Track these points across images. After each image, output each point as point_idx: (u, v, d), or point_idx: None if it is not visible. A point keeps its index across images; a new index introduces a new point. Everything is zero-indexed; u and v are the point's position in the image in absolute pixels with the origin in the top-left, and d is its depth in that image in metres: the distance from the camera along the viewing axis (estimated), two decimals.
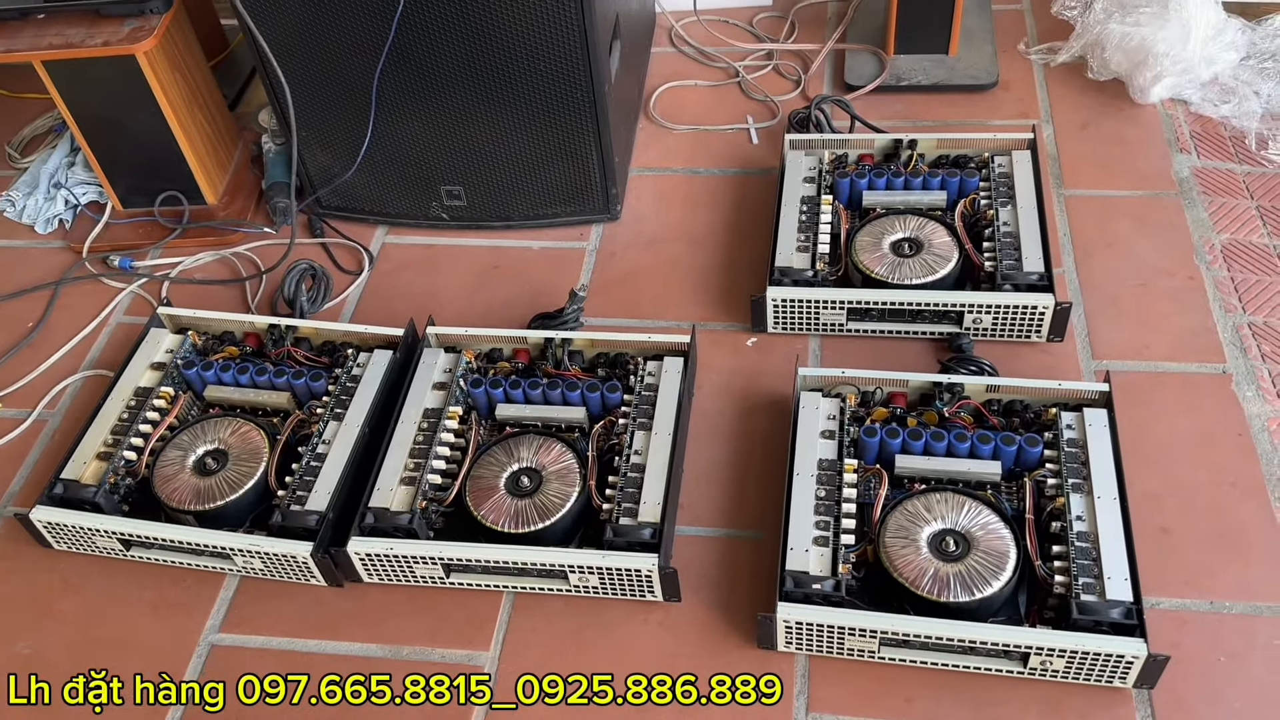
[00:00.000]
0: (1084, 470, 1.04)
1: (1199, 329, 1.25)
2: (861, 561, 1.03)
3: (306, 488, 1.11)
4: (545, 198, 1.44)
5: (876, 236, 1.30)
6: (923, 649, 0.98)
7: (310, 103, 1.36)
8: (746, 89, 1.66)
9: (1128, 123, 1.52)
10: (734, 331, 1.32)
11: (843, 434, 1.11)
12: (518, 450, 1.13)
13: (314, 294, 1.38)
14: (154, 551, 1.13)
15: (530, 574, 1.07)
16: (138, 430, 1.19)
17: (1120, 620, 0.94)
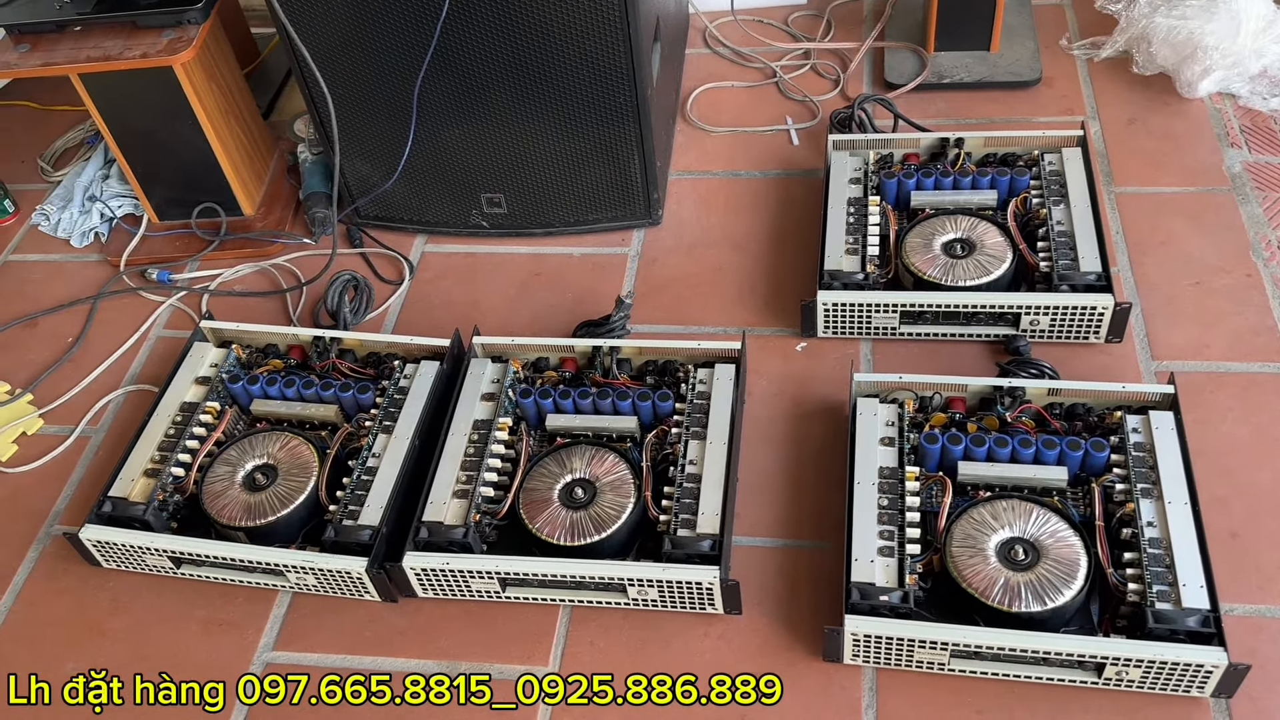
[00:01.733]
0: (1153, 475, 1.02)
1: (1259, 328, 1.22)
2: (928, 572, 1.01)
3: (358, 502, 1.10)
4: (586, 203, 1.42)
5: (927, 238, 1.28)
6: (994, 660, 0.96)
7: (350, 112, 1.34)
8: (784, 89, 1.64)
9: (1176, 118, 1.49)
10: (782, 336, 1.30)
11: (902, 440, 1.09)
12: (570, 461, 1.12)
13: (356, 305, 1.37)
14: (205, 569, 1.12)
15: (587, 587, 1.05)
16: (185, 446, 1.18)
17: (1197, 628, 0.92)
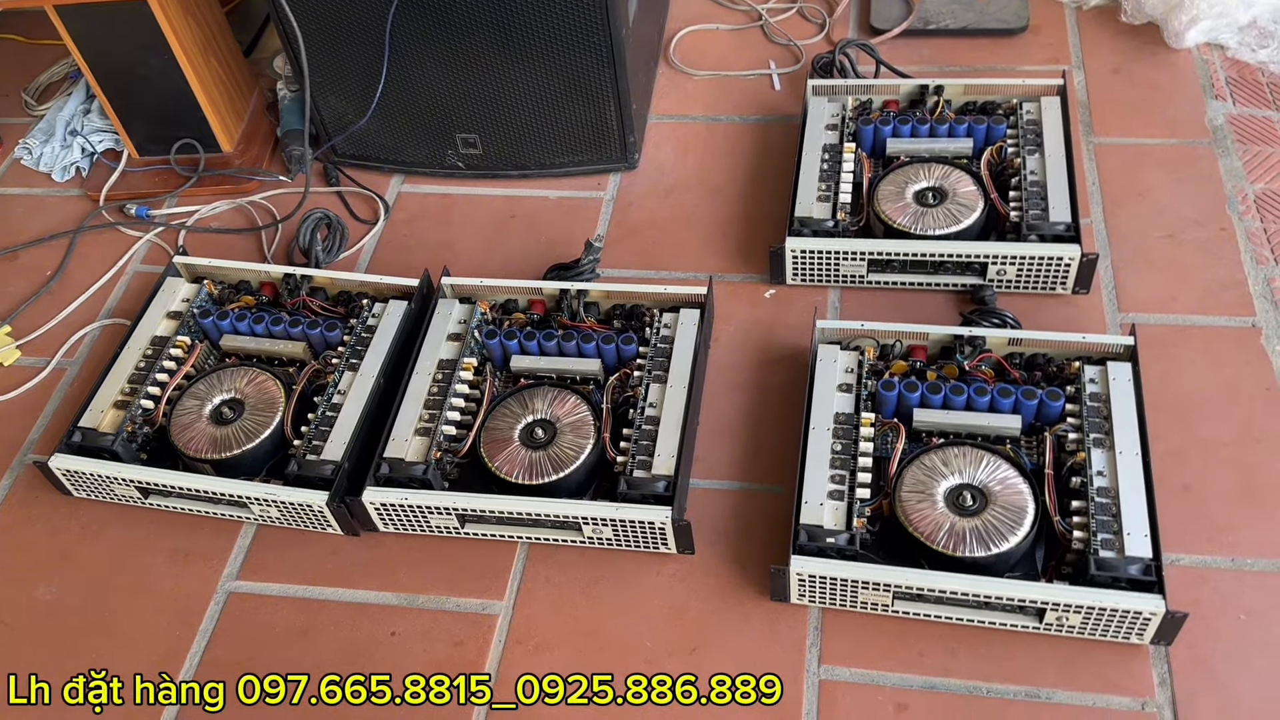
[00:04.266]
0: (1106, 425, 1.03)
1: (1229, 282, 1.22)
2: (877, 516, 1.02)
3: (322, 438, 1.11)
4: (562, 146, 1.41)
5: (900, 186, 1.27)
6: (937, 603, 0.97)
7: (323, 48, 1.34)
8: (769, 33, 1.62)
9: (1161, 68, 1.47)
10: (752, 283, 1.30)
11: (860, 387, 1.09)
12: (532, 402, 1.13)
13: (329, 244, 1.37)
14: (171, 500, 1.14)
15: (544, 525, 1.07)
16: (155, 379, 1.19)
17: (1138, 576, 0.93)
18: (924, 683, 0.96)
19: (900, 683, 0.96)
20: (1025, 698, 0.94)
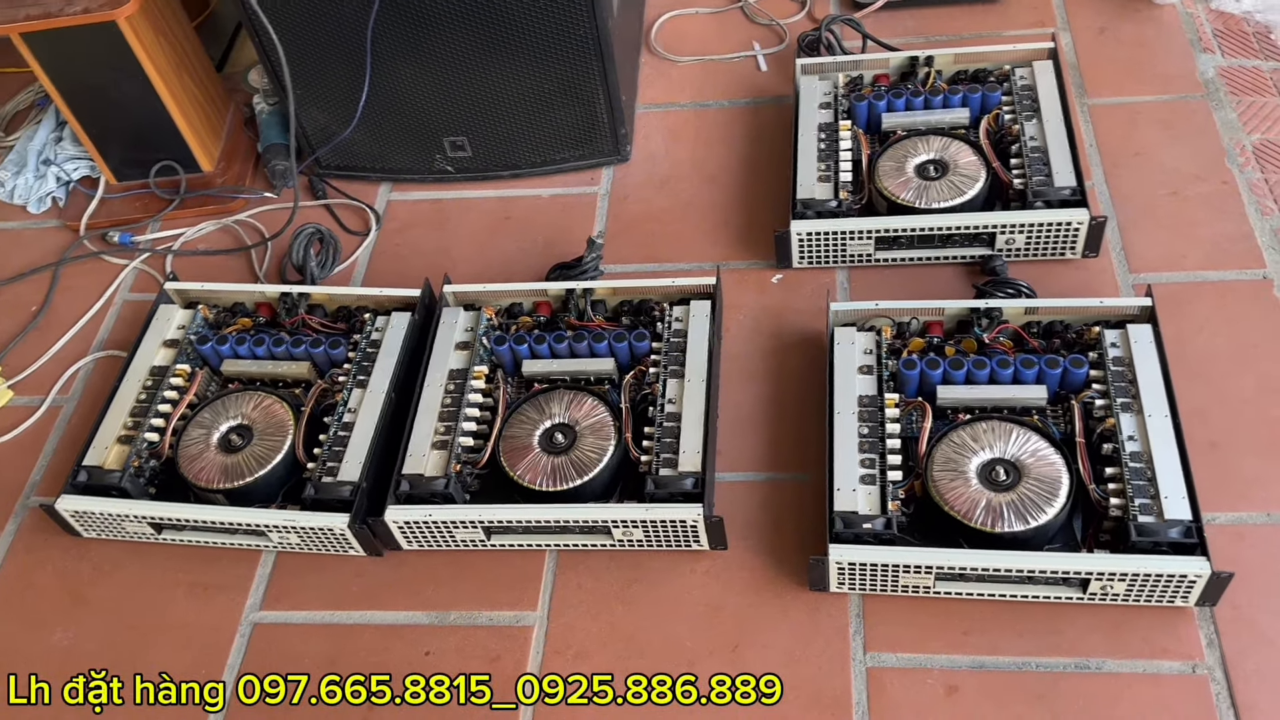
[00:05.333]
0: (1132, 389, 1.02)
1: (1236, 235, 1.21)
2: (910, 497, 1.01)
3: (337, 458, 1.08)
4: (552, 142, 1.39)
5: (899, 160, 1.26)
6: (978, 581, 0.96)
7: (303, 59, 1.30)
8: (750, 14, 1.60)
9: (1147, 24, 1.46)
10: (758, 269, 1.28)
11: (881, 368, 1.08)
12: (549, 406, 1.11)
13: (323, 258, 1.34)
14: (186, 533, 1.11)
15: (572, 531, 1.05)
16: (157, 410, 1.16)
17: (1180, 539, 0.92)
18: (972, 662, 0.95)
19: (948, 664, 0.95)
20: (1075, 669, 0.94)
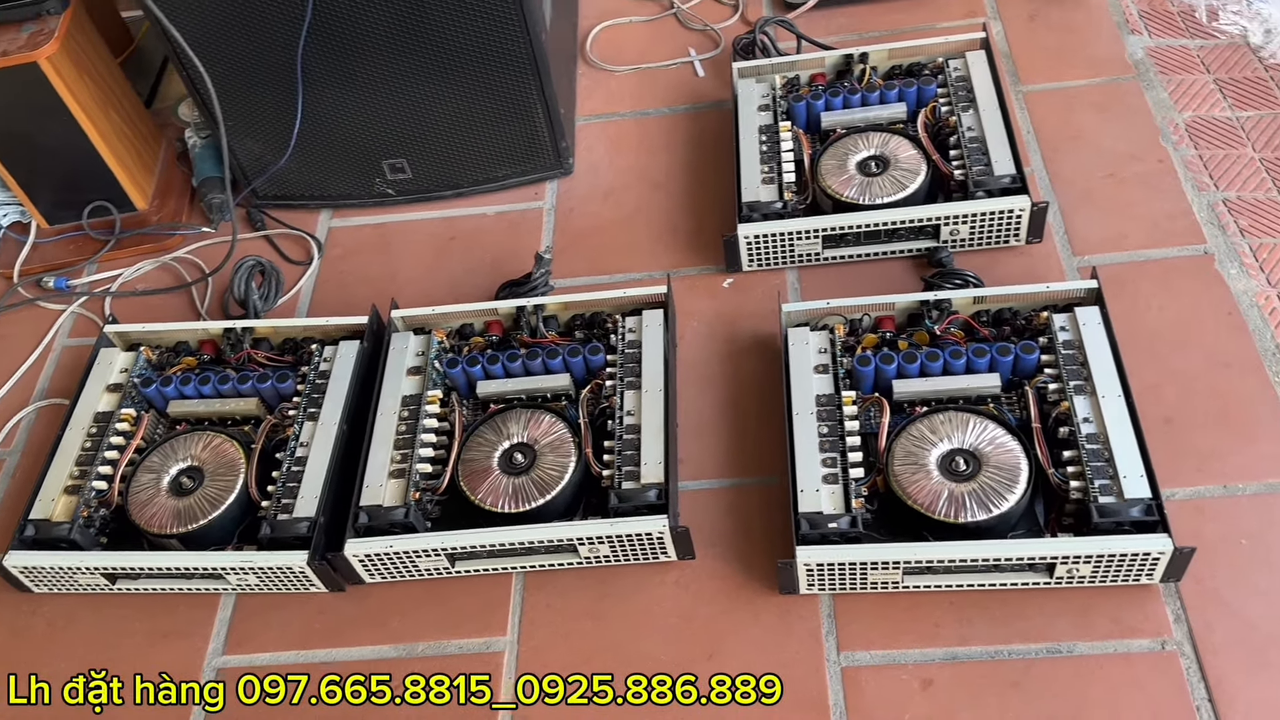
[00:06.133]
0: (1084, 370, 1.03)
1: (1175, 212, 1.23)
2: (874, 493, 1.01)
3: (292, 494, 1.06)
4: (493, 159, 1.38)
5: (841, 158, 1.26)
6: (946, 573, 0.96)
7: (232, 89, 1.28)
8: (684, 20, 1.60)
9: (1074, 9, 1.48)
10: (708, 274, 1.28)
11: (836, 366, 1.08)
12: (507, 427, 1.09)
13: (265, 291, 1.32)
14: (141, 582, 1.08)
15: (538, 552, 1.03)
16: (104, 458, 1.13)
17: (1141, 518, 0.93)
18: (945, 654, 0.95)
19: (922, 658, 0.95)
20: (1047, 654, 0.94)
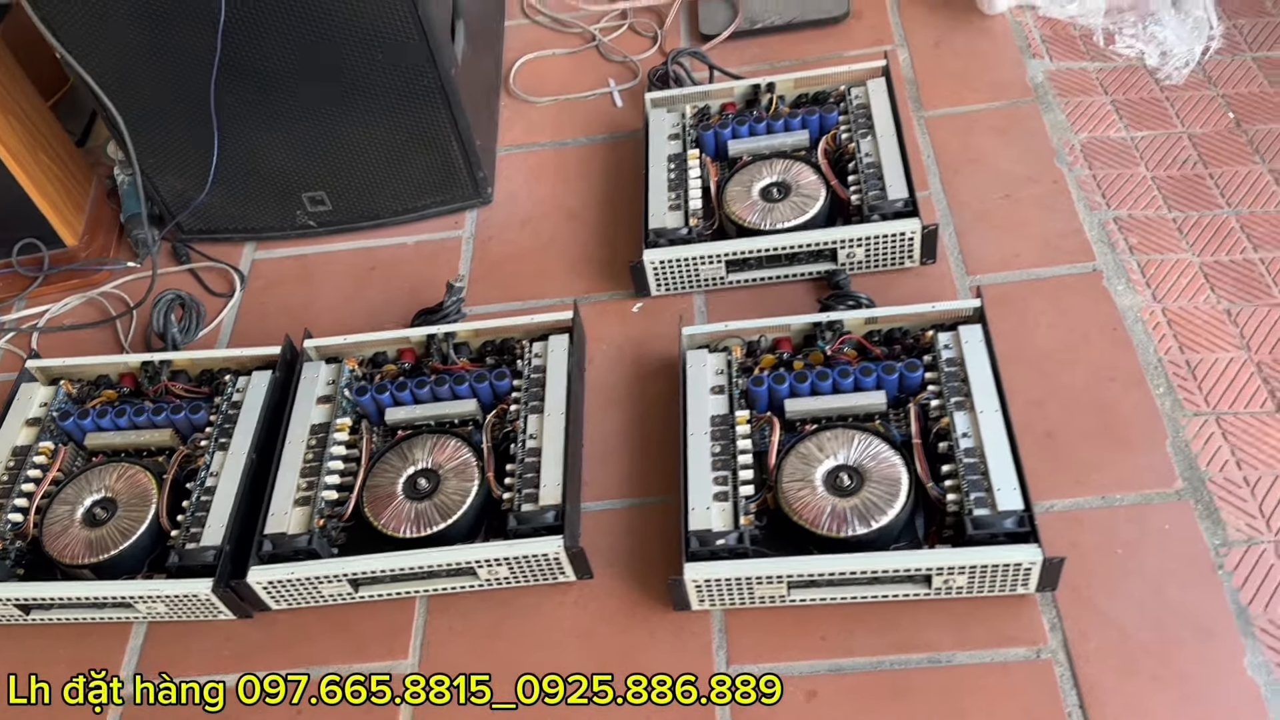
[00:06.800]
0: (964, 387, 1.06)
1: (1066, 231, 1.27)
2: (763, 510, 1.04)
3: (200, 523, 1.09)
4: (411, 190, 1.41)
5: (746, 185, 1.30)
6: (829, 586, 0.99)
7: (150, 126, 1.31)
8: (605, 52, 1.64)
9: (979, 35, 1.53)
10: (619, 300, 1.31)
11: (732, 387, 1.11)
12: (412, 453, 1.12)
13: (186, 324, 1.34)
14: (55, 612, 1.10)
15: (439, 575, 1.06)
16: (20, 491, 1.15)
17: (1014, 529, 0.96)
18: (830, 666, 0.98)
19: (807, 670, 0.98)
20: (927, 664, 0.97)
